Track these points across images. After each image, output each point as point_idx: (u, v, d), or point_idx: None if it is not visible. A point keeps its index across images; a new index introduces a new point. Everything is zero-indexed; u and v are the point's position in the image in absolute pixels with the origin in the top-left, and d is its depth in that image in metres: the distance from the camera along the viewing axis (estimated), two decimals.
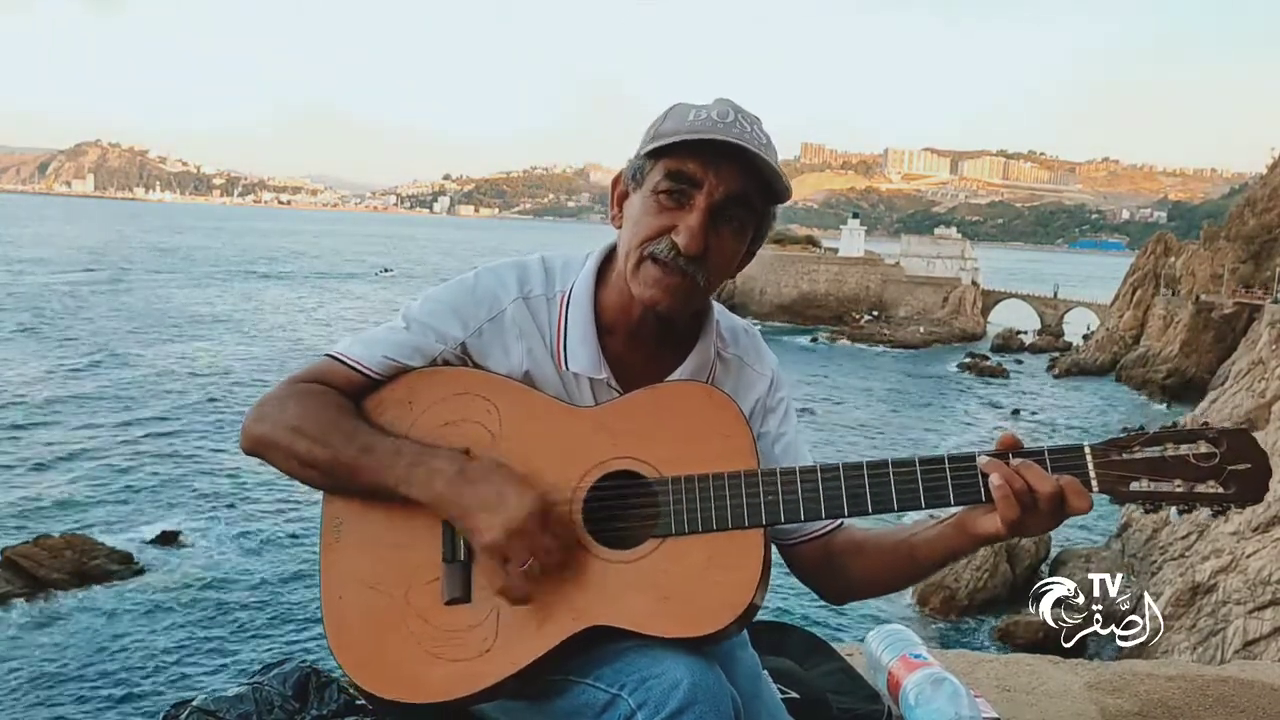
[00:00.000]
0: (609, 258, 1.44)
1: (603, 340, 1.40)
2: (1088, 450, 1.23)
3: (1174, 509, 1.23)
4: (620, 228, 1.39)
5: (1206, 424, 1.23)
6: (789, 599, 16.58)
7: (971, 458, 1.24)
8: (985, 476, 1.22)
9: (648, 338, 1.41)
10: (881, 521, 1.44)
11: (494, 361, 1.40)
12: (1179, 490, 1.21)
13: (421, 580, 1.32)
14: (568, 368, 1.38)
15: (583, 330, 1.39)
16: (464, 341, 1.39)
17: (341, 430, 1.32)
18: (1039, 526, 1.23)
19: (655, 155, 1.30)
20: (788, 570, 1.50)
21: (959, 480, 1.24)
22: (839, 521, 1.45)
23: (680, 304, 1.33)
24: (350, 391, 1.39)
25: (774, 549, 1.48)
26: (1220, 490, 1.20)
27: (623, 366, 1.40)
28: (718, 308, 1.50)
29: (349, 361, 1.39)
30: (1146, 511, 1.24)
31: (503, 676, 1.26)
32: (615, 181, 1.40)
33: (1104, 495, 1.23)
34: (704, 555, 1.26)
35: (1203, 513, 1.21)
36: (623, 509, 1.30)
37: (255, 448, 1.36)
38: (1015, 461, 1.22)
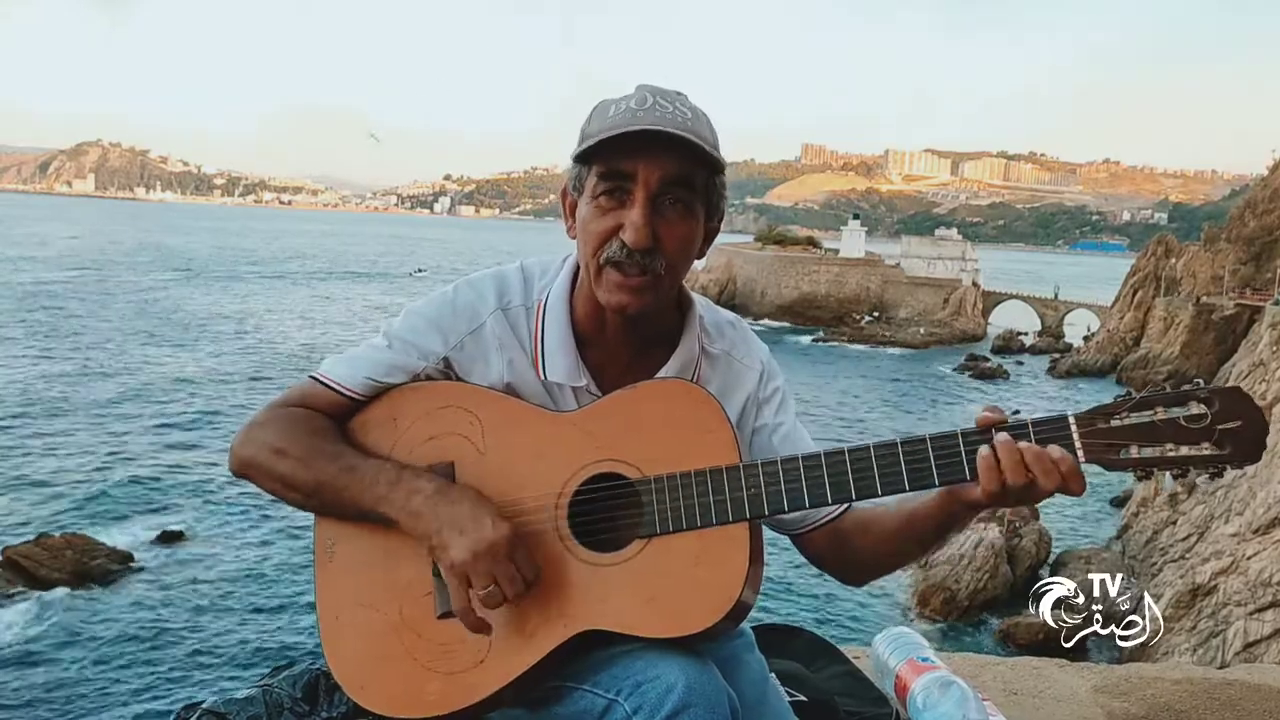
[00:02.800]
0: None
1: (581, 347, 1.39)
2: (1072, 420, 1.18)
3: (1168, 474, 1.20)
4: (576, 238, 1.38)
5: (1197, 382, 1.18)
6: (792, 600, 16.58)
7: (954, 435, 1.22)
8: (976, 455, 1.18)
9: (626, 341, 1.40)
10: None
11: (476, 375, 1.40)
12: (1171, 455, 1.16)
13: (415, 595, 1.32)
14: (547, 377, 1.38)
15: (559, 338, 1.39)
16: (446, 356, 1.40)
17: (324, 453, 1.34)
18: (1025, 498, 1.20)
19: (585, 160, 1.30)
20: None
21: (942, 459, 1.21)
22: (845, 506, 1.44)
23: (647, 301, 1.32)
24: (333, 413, 1.40)
25: (784, 539, 1.48)
26: (1215, 451, 1.15)
27: (604, 372, 1.40)
28: (702, 303, 1.49)
29: (331, 383, 1.40)
30: (1139, 479, 1.21)
31: (498, 687, 1.27)
32: (564, 193, 1.39)
33: (1093, 465, 1.19)
34: (689, 554, 1.26)
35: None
36: (608, 511, 1.30)
37: (241, 470, 1.38)
38: (999, 437, 1.18)
